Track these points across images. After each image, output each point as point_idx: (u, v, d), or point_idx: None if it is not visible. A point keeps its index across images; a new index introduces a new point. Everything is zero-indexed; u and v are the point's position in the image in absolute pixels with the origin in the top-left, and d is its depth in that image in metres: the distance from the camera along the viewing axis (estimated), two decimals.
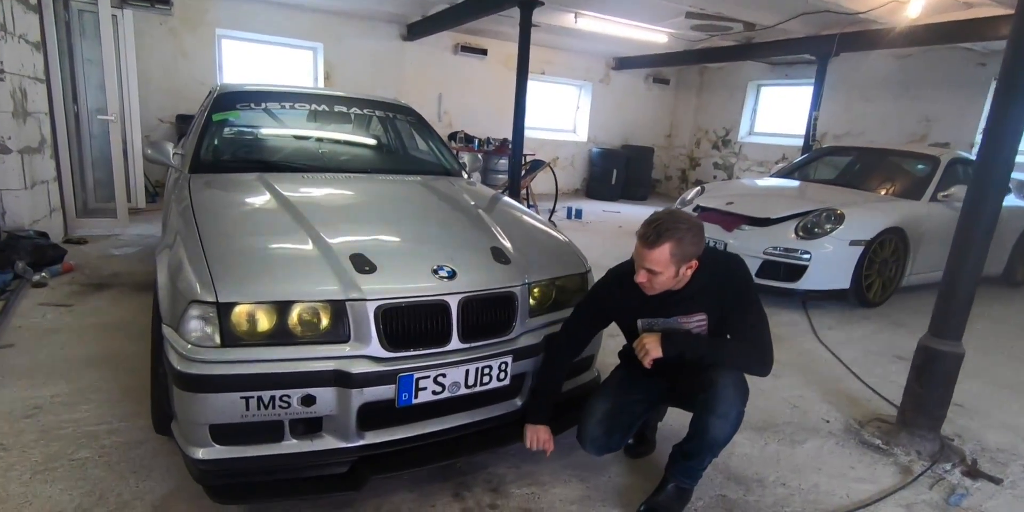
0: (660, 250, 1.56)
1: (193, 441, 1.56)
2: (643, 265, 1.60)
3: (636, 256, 1.63)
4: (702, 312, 1.68)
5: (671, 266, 1.58)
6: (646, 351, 1.63)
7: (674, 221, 1.58)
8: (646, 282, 1.62)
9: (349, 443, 1.64)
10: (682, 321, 1.69)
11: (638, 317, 1.75)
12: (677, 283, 1.64)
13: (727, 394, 1.55)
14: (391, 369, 1.60)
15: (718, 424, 1.55)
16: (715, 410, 1.54)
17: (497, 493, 1.75)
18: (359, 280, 1.65)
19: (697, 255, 1.60)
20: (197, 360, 1.49)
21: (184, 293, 1.57)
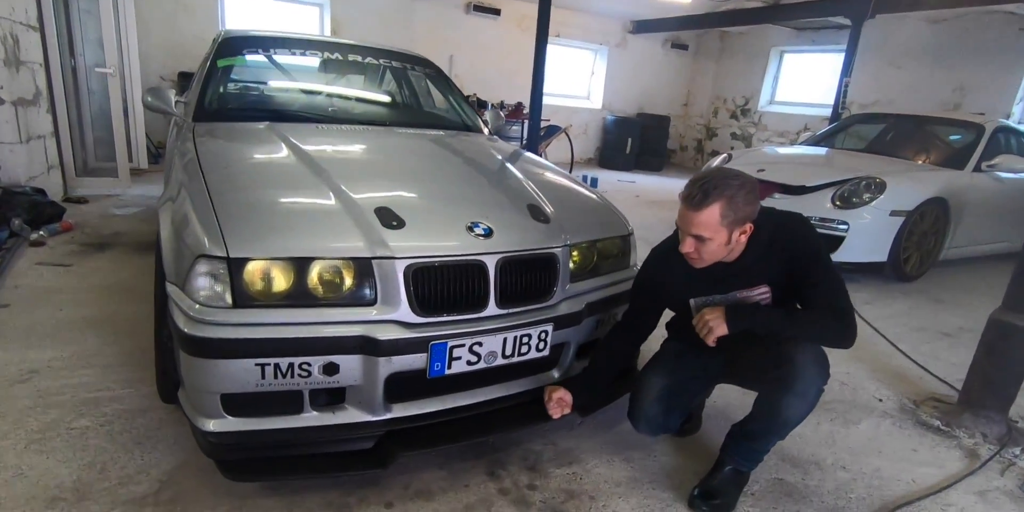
0: (708, 212, 1.36)
1: (203, 411, 1.40)
2: (689, 231, 1.40)
3: (680, 222, 1.43)
4: (764, 284, 1.49)
5: (722, 230, 1.37)
6: (709, 328, 1.44)
7: (723, 178, 1.37)
8: (693, 252, 1.42)
9: (375, 416, 1.48)
10: (742, 296, 1.51)
11: (690, 297, 1.57)
12: (730, 252, 1.44)
13: (807, 371, 1.37)
14: (423, 336, 1.43)
15: (794, 404, 1.38)
16: (792, 388, 1.37)
17: (535, 472, 1.60)
18: (386, 236, 1.47)
19: (751, 217, 1.40)
20: (206, 322, 1.32)
21: (191, 248, 1.39)
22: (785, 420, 1.41)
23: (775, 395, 1.40)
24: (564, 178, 2.26)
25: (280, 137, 2.06)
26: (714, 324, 1.43)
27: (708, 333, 1.44)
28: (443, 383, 1.57)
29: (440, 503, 1.46)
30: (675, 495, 1.56)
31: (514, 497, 1.50)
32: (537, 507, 1.47)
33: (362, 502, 1.44)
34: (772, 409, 1.41)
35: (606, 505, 1.50)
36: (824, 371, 1.39)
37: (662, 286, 1.61)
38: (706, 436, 1.86)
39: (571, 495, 1.52)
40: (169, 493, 1.42)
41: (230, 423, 1.40)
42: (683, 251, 1.43)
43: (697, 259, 1.45)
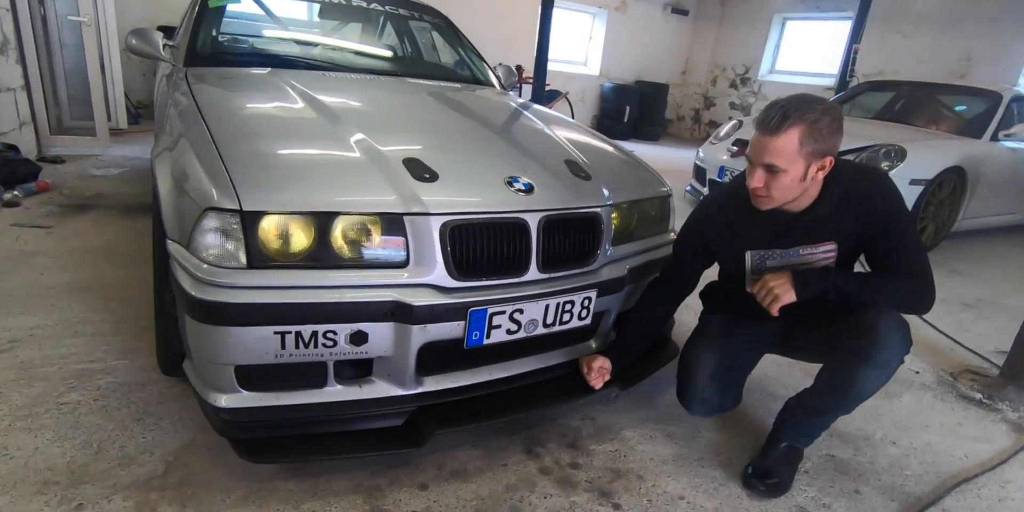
0: (786, 137, 1.19)
1: (214, 385, 1.24)
2: (761, 160, 1.24)
3: (752, 151, 1.27)
4: (831, 241, 1.34)
5: (798, 161, 1.21)
6: (774, 296, 1.29)
7: (805, 102, 1.21)
8: (762, 188, 1.26)
9: (406, 390, 1.34)
10: (805, 253, 1.36)
11: (746, 249, 1.42)
12: (802, 195, 1.29)
13: (892, 341, 1.24)
14: (461, 302, 1.28)
15: (873, 377, 1.26)
16: (874, 359, 1.24)
17: (576, 450, 1.49)
18: (419, 189, 1.30)
19: (833, 152, 1.24)
20: (217, 284, 1.15)
21: (196, 200, 1.21)
22: (858, 394, 1.30)
23: (852, 367, 1.27)
24: (592, 134, 2.09)
25: (286, 84, 1.85)
26: (780, 291, 1.30)
27: (773, 301, 1.30)
28: (477, 355, 1.43)
29: (479, 484, 1.33)
30: (726, 474, 1.46)
31: (557, 477, 1.38)
32: (583, 487, 1.35)
33: (394, 484, 1.31)
34: (845, 382, 1.29)
35: (656, 485, 1.39)
36: (908, 340, 1.27)
37: (715, 236, 1.47)
38: (747, 409, 1.75)
39: (617, 474, 1.41)
40: (178, 475, 1.27)
41: (245, 398, 1.25)
42: (751, 186, 1.27)
43: (764, 197, 1.29)
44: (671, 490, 1.37)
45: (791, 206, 1.32)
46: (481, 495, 1.30)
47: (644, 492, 1.36)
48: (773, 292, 1.31)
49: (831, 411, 1.36)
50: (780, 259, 1.38)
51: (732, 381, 1.53)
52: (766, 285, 1.32)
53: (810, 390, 1.39)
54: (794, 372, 2.01)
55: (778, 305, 1.30)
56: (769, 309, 1.31)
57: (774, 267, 1.38)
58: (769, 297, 1.31)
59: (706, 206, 1.52)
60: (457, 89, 2.34)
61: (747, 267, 1.42)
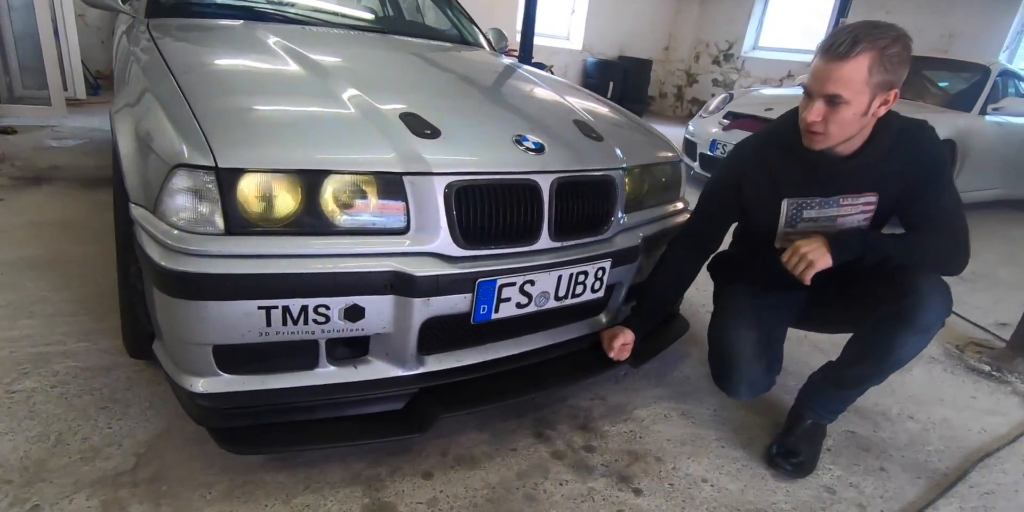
0: (855, 63, 1.07)
1: (189, 369, 1.10)
2: (824, 90, 1.11)
3: (813, 80, 1.13)
4: (873, 192, 1.25)
5: (864, 92, 1.09)
6: (808, 262, 1.19)
7: (876, 27, 1.09)
8: (819, 122, 1.14)
9: (406, 371, 1.21)
10: (845, 204, 1.27)
11: (783, 196, 1.30)
12: (857, 135, 1.18)
13: (934, 303, 1.15)
14: (468, 272, 1.15)
15: (912, 342, 1.17)
16: (915, 323, 1.15)
17: (588, 432, 1.39)
18: (420, 146, 1.15)
19: (898, 84, 1.13)
20: (191, 253, 1.00)
21: (163, 157, 1.05)
22: (895, 362, 1.21)
23: (890, 332, 1.18)
24: (596, 98, 1.95)
25: (263, 36, 1.67)
26: (815, 256, 1.19)
27: (807, 267, 1.20)
28: (483, 331, 1.31)
29: (487, 471, 1.22)
30: (748, 453, 1.37)
31: (571, 461, 1.28)
32: (600, 472, 1.26)
33: (395, 473, 1.19)
34: (882, 350, 1.20)
35: (676, 468, 1.30)
36: (950, 303, 1.18)
37: (751, 182, 1.34)
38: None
39: (634, 457, 1.31)
40: (149, 469, 1.13)
41: (226, 382, 1.11)
42: (808, 120, 1.15)
43: (820, 134, 1.17)
44: (693, 472, 1.29)
45: (841, 148, 1.21)
46: (491, 483, 1.19)
47: (664, 475, 1.27)
48: (807, 258, 1.20)
49: (863, 383, 1.28)
50: (818, 209, 1.28)
51: (774, 356, 1.42)
52: (798, 251, 1.22)
53: (839, 362, 1.31)
54: (803, 347, 1.95)
55: (813, 272, 1.20)
56: (802, 277, 1.21)
57: (809, 219, 1.29)
58: (802, 264, 1.21)
59: (742, 150, 1.39)
60: (448, 49, 2.17)
61: (781, 218, 1.32)
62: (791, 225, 1.31)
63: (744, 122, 4.00)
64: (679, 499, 1.20)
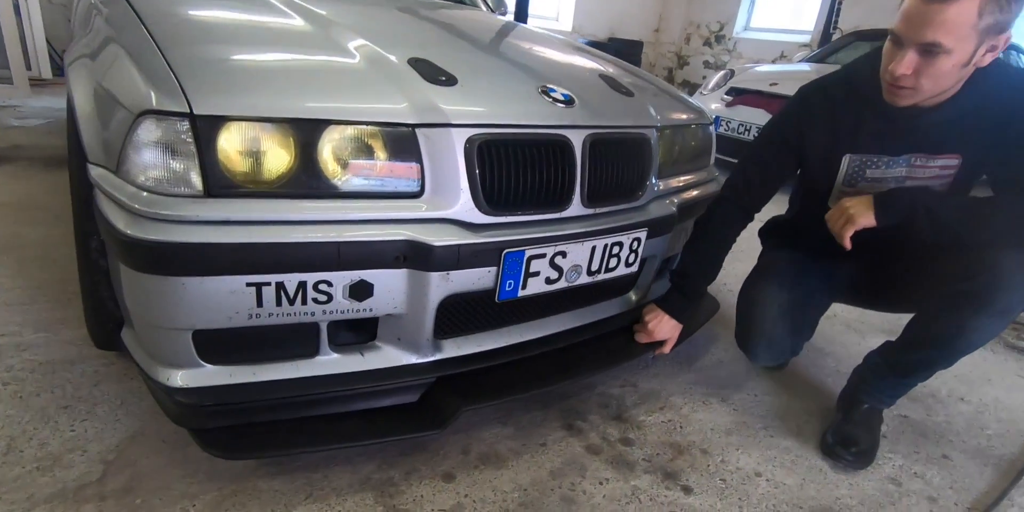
0: (963, 4, 0.90)
1: (165, 359, 0.93)
2: (920, 37, 0.93)
3: (906, 26, 0.95)
4: (955, 153, 1.09)
5: (970, 39, 0.92)
6: (848, 217, 1.06)
7: None
8: (909, 76, 0.97)
9: (421, 358, 1.05)
10: (917, 165, 1.11)
11: (846, 151, 1.15)
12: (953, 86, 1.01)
13: (1017, 282, 1.00)
14: (494, 241, 0.98)
15: (988, 326, 1.03)
16: (992, 305, 1.01)
17: (624, 422, 1.24)
18: (434, 94, 0.98)
19: (1007, 29, 0.95)
20: (162, 219, 0.82)
21: (129, 105, 0.87)
22: (966, 346, 1.07)
23: (962, 314, 1.04)
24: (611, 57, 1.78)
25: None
26: (855, 210, 1.05)
27: (846, 224, 1.06)
28: (506, 311, 1.15)
29: (516, 470, 1.07)
30: (800, 443, 1.24)
31: (609, 456, 1.13)
32: (642, 468, 1.11)
33: (411, 476, 1.03)
34: (951, 333, 1.06)
35: (724, 461, 1.16)
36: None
37: (813, 132, 1.18)
38: (798, 370, 1.54)
39: (678, 450, 1.17)
40: (121, 479, 0.96)
41: (209, 375, 0.94)
42: (897, 72, 0.97)
43: (908, 89, 1.00)
44: (744, 466, 1.15)
45: (928, 102, 1.04)
46: (522, 484, 1.04)
47: (713, 470, 1.13)
48: (847, 212, 1.06)
49: (927, 368, 1.14)
50: (884, 169, 1.13)
51: (805, 321, 1.29)
52: (841, 208, 1.08)
53: (900, 345, 1.17)
54: (835, 326, 1.82)
55: (851, 230, 1.06)
56: (840, 236, 1.07)
57: (872, 180, 1.14)
58: (842, 219, 1.07)
59: (807, 94, 1.22)
60: (451, 6, 1.96)
61: (840, 175, 1.17)
62: (850, 184, 1.17)
63: (748, 98, 3.86)
64: (734, 497, 1.06)
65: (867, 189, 1.14)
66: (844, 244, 1.08)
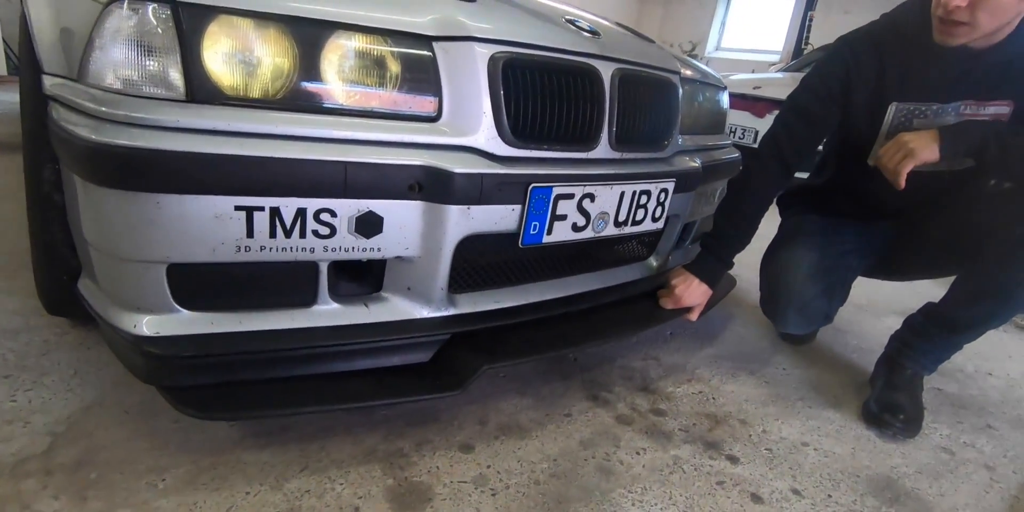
0: None
1: (130, 302, 0.78)
2: None
3: None
4: (1006, 99, 1.03)
5: None
6: (908, 151, 0.97)
7: None
8: (964, 7, 0.90)
9: (434, 311, 0.92)
10: (967, 114, 1.05)
11: (892, 100, 1.08)
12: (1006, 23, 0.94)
13: None
14: (521, 174, 0.87)
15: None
16: None
17: (652, 393, 1.12)
18: (454, 7, 0.87)
19: None
20: (135, 122, 0.68)
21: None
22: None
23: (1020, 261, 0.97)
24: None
25: None
26: (917, 144, 0.96)
27: (904, 158, 0.97)
28: (525, 266, 1.04)
29: (543, 441, 0.94)
30: (841, 413, 1.14)
31: (642, 427, 1.01)
32: (680, 438, 0.99)
33: (423, 447, 0.89)
34: (1009, 282, 0.98)
35: (766, 431, 1.05)
36: None
37: (860, 78, 1.10)
38: (821, 344, 1.46)
39: (715, 420, 1.06)
40: (71, 452, 0.79)
41: (186, 322, 0.79)
42: (950, 4, 0.90)
43: (964, 25, 0.92)
44: (788, 436, 1.04)
45: (983, 41, 0.97)
46: (550, 454, 0.90)
47: (757, 440, 1.01)
48: (907, 146, 0.97)
49: (982, 325, 1.06)
50: (932, 119, 1.06)
51: (837, 282, 1.20)
52: (898, 140, 1.00)
53: (949, 302, 1.09)
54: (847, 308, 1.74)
55: (911, 165, 0.97)
56: (897, 173, 0.98)
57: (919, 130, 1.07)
58: (900, 153, 0.98)
59: (851, 41, 1.15)
60: None
61: (884, 127, 1.09)
62: (893, 136, 1.09)
63: (734, 102, 3.90)
64: (784, 466, 0.95)
65: None
66: (899, 182, 0.99)
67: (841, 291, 1.23)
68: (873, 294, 1.86)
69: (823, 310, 1.20)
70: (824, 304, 1.19)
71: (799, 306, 1.17)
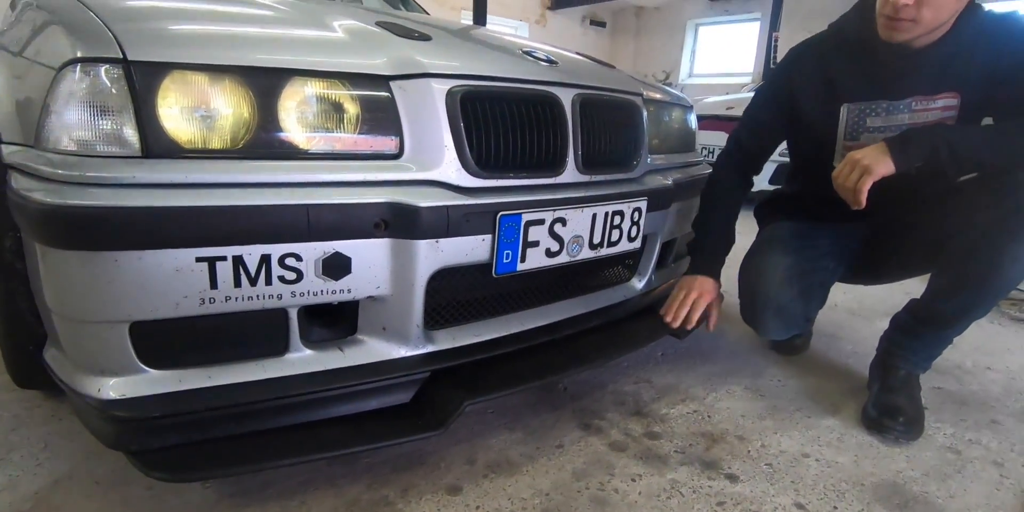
0: None
1: (96, 366, 0.75)
2: None
3: None
4: (953, 91, 1.05)
5: None
6: (863, 168, 0.97)
7: None
8: (911, 5, 0.93)
9: (411, 350, 0.90)
10: (918, 109, 1.07)
11: (843, 101, 1.11)
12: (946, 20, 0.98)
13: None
14: (487, 203, 0.87)
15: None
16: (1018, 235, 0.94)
17: (645, 417, 1.09)
18: (409, 48, 0.89)
19: None
20: (91, 182, 0.68)
21: (49, 60, 0.75)
22: (1005, 282, 0.98)
23: (995, 244, 0.96)
24: None
25: None
26: (871, 159, 0.96)
27: (862, 176, 0.97)
28: (503, 295, 1.02)
29: (533, 475, 0.90)
30: (840, 420, 1.12)
31: (636, 452, 0.98)
32: (676, 460, 0.96)
33: (409, 493, 0.85)
34: (986, 268, 0.97)
35: (765, 445, 1.02)
36: None
37: (806, 87, 1.15)
38: (813, 354, 1.44)
39: (711, 439, 1.03)
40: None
41: (152, 381, 0.76)
42: (898, 3, 0.93)
43: (908, 21, 0.95)
44: (788, 448, 1.01)
45: (924, 38, 1.01)
46: (542, 489, 0.87)
47: (756, 455, 0.98)
48: (860, 164, 0.97)
49: (965, 315, 1.05)
50: (885, 116, 1.09)
51: (813, 285, 1.20)
52: (852, 159, 1.00)
53: (930, 296, 1.08)
54: (839, 313, 1.74)
55: (869, 182, 0.96)
56: (856, 192, 0.97)
57: (875, 129, 1.09)
58: (855, 172, 0.98)
59: (798, 51, 1.21)
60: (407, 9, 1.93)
61: (840, 127, 1.11)
62: (852, 137, 1.12)
63: (707, 123, 4.00)
64: (786, 480, 0.92)
65: (870, 141, 1.09)
66: (859, 201, 0.99)
67: (819, 294, 1.23)
68: (863, 297, 1.86)
69: (801, 313, 1.20)
70: (801, 307, 1.19)
71: (776, 310, 1.17)
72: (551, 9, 9.14)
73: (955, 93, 1.05)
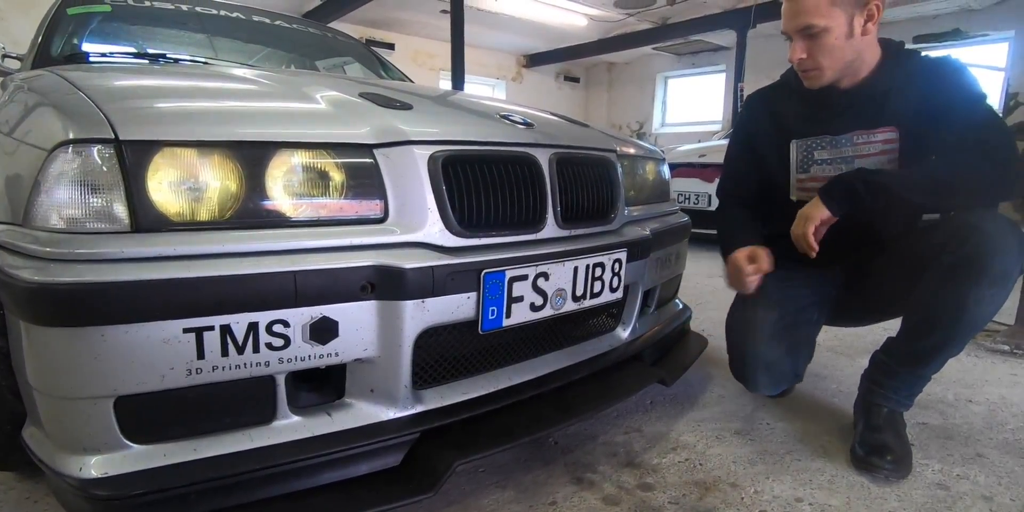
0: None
1: (77, 444, 0.74)
2: (796, 25, 1.09)
3: (785, 21, 1.12)
4: (890, 126, 1.13)
5: (836, 14, 1.06)
6: (804, 218, 1.09)
7: None
8: (807, 59, 1.11)
9: (400, 411, 0.90)
10: (860, 142, 1.15)
11: (792, 138, 1.23)
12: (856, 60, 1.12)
13: (1006, 243, 0.98)
14: (471, 262, 0.89)
15: (991, 296, 0.98)
16: (989, 270, 0.97)
17: (638, 468, 1.08)
18: (391, 117, 0.94)
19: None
20: (78, 258, 0.70)
21: (39, 141, 0.78)
22: (972, 322, 1.01)
23: (960, 287, 0.99)
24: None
25: (174, 64, 1.45)
26: (808, 209, 1.09)
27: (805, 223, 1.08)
28: (490, 352, 1.03)
29: None
30: (830, 461, 1.11)
31: (631, 505, 0.96)
32: (670, 511, 0.95)
33: None
34: (952, 309, 1.01)
35: (758, 491, 1.01)
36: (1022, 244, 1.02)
37: (761, 133, 1.30)
38: (800, 394, 1.45)
39: (705, 487, 1.02)
40: None
41: (137, 458, 0.75)
42: (794, 60, 1.12)
43: (813, 70, 1.13)
44: (781, 494, 1.00)
45: (845, 81, 1.15)
46: None
47: (750, 502, 0.98)
48: (802, 215, 1.10)
49: (938, 354, 1.08)
50: (830, 149, 1.19)
51: (800, 340, 1.24)
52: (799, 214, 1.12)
53: (904, 336, 1.12)
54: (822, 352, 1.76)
55: (811, 227, 1.08)
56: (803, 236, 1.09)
57: (823, 161, 1.19)
58: (800, 222, 1.10)
59: (749, 102, 1.36)
60: (385, 79, 2.01)
61: (792, 162, 1.22)
62: (803, 170, 1.22)
63: (682, 170, 4.14)
64: None
65: (820, 173, 1.19)
66: (811, 247, 1.09)
67: (806, 348, 1.26)
68: (844, 335, 1.89)
69: (791, 369, 1.23)
70: (790, 363, 1.21)
71: (765, 367, 1.19)
72: (527, 67, 9.56)
73: (893, 128, 1.14)
